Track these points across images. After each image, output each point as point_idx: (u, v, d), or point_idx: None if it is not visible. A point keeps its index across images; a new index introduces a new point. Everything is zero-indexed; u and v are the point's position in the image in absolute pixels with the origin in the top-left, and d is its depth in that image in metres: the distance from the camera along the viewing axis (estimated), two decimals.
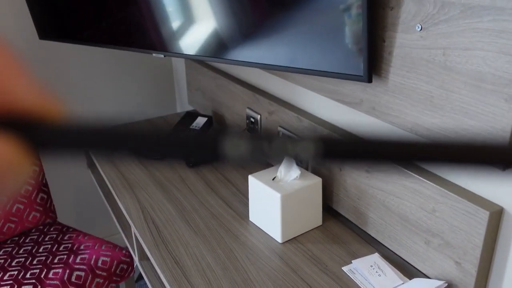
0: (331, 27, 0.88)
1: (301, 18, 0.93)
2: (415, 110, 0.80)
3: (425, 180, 0.81)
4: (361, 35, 0.82)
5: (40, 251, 1.37)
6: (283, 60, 1.00)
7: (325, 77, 0.95)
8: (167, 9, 1.22)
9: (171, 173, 1.32)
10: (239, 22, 1.09)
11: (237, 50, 1.10)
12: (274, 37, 1.00)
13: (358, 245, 0.98)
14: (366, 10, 0.79)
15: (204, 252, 0.98)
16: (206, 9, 1.13)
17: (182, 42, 1.23)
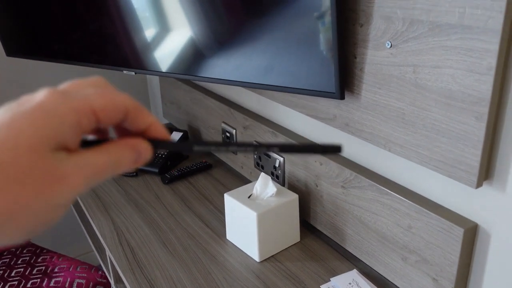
0: (302, 39, 0.87)
1: (273, 33, 0.92)
2: (388, 127, 0.80)
3: (401, 197, 0.81)
4: (333, 52, 0.82)
5: (13, 275, 1.33)
6: (256, 77, 0.98)
7: (299, 94, 0.94)
8: (137, 26, 1.19)
9: (146, 191, 1.29)
10: (211, 38, 1.07)
11: (209, 67, 1.08)
12: (247, 54, 0.99)
13: (336, 261, 0.97)
14: (336, 26, 0.79)
15: (181, 275, 0.95)
16: (177, 26, 1.11)
17: (153, 59, 1.21)
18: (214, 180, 1.33)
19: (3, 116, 0.27)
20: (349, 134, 0.91)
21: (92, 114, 0.29)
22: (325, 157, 0.97)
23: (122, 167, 0.31)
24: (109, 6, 1.20)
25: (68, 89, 0.31)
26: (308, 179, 1.04)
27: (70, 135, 0.28)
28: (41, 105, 0.28)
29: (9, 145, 0.26)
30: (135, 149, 0.32)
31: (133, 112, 0.32)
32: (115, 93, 0.31)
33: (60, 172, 0.27)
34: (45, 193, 0.27)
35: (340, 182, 0.94)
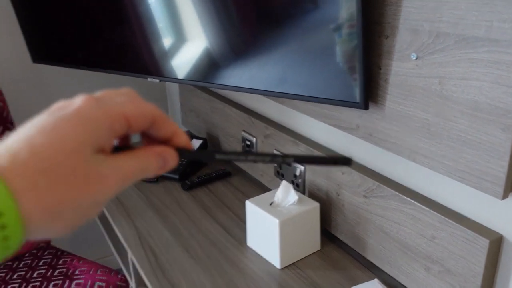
0: (325, 50, 0.89)
1: (293, 42, 0.94)
2: (412, 137, 0.81)
3: (424, 207, 0.82)
4: (357, 62, 0.83)
5: (35, 276, 1.35)
6: (278, 86, 1.00)
7: (322, 103, 0.95)
8: (159, 36, 1.22)
9: (167, 197, 1.31)
10: (232, 48, 1.09)
11: (231, 75, 1.10)
12: (269, 63, 1.01)
13: (357, 270, 0.98)
14: (362, 38, 0.80)
15: (203, 279, 0.97)
16: (197, 34, 1.14)
17: (176, 67, 1.23)
18: (233, 187, 1.35)
19: (47, 121, 0.30)
20: (372, 144, 0.92)
21: (124, 120, 0.32)
22: (348, 167, 0.98)
23: (150, 172, 0.34)
24: (132, 17, 1.23)
25: (102, 96, 0.33)
26: (330, 188, 1.05)
27: (105, 139, 0.31)
28: (80, 111, 0.30)
29: (55, 148, 0.29)
30: (162, 156, 0.35)
31: (159, 120, 0.35)
32: (144, 102, 0.34)
33: (99, 173, 0.30)
34: (88, 192, 0.30)
35: (362, 192, 0.95)
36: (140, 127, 0.34)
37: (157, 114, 0.34)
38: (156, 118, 0.34)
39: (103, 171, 0.31)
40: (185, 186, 1.34)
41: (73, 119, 0.30)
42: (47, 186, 0.28)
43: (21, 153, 0.28)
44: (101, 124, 0.31)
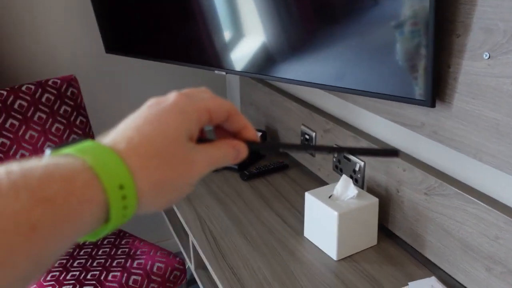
0: (387, 47, 0.90)
1: (353, 37, 0.95)
2: (480, 137, 0.81)
3: (488, 207, 0.81)
4: (426, 60, 0.84)
5: (100, 254, 1.44)
6: (337, 80, 1.02)
7: (388, 100, 0.96)
8: (222, 28, 1.27)
9: (226, 186, 1.36)
10: (297, 41, 1.12)
11: (294, 69, 1.13)
12: (328, 57, 1.03)
13: (413, 267, 0.98)
14: (433, 37, 0.81)
15: (261, 265, 1.01)
16: (258, 28, 1.17)
17: (239, 60, 1.28)
18: (291, 180, 1.38)
19: (150, 113, 0.36)
20: (435, 142, 0.92)
21: (208, 113, 0.38)
22: (409, 164, 0.99)
23: (228, 160, 0.40)
24: (199, 11, 1.29)
25: (190, 93, 0.39)
26: (389, 184, 1.06)
27: (195, 129, 0.37)
28: (176, 105, 0.36)
29: (160, 136, 0.35)
30: (237, 148, 0.40)
31: (233, 114, 0.40)
32: (222, 99, 0.40)
33: (192, 158, 0.36)
34: (184, 173, 0.36)
35: (423, 189, 0.96)
36: (219, 119, 0.39)
37: (232, 109, 0.40)
38: (231, 112, 0.40)
39: (195, 157, 0.36)
40: (244, 176, 1.39)
41: (172, 111, 0.36)
42: (155, 167, 0.34)
43: (134, 139, 0.34)
44: (192, 116, 0.36)
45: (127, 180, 0.32)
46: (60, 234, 0.29)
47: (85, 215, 0.30)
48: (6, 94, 1.42)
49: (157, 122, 0.35)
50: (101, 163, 0.31)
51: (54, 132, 1.49)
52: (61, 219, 0.29)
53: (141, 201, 0.33)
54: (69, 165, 0.30)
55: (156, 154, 0.34)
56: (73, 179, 0.30)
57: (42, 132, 1.47)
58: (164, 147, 0.34)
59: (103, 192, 0.31)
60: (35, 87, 1.47)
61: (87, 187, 0.30)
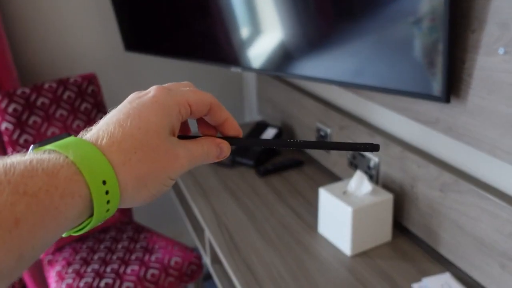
0: (404, 43, 0.90)
1: (371, 33, 0.95)
2: (495, 133, 0.80)
3: (504, 204, 0.81)
4: (441, 56, 0.83)
5: (119, 248, 1.48)
6: (355, 77, 1.02)
7: (401, 96, 0.96)
8: (240, 25, 1.28)
9: (242, 182, 1.37)
10: (313, 38, 1.13)
11: (310, 66, 1.14)
12: (346, 54, 1.03)
13: (428, 263, 0.98)
14: (447, 32, 0.81)
15: (275, 261, 1.02)
16: (276, 25, 1.18)
17: (256, 57, 1.29)
18: (306, 176, 1.39)
19: (131, 107, 0.36)
20: (450, 138, 0.92)
21: (188, 106, 0.38)
22: (424, 160, 0.98)
23: (210, 158, 0.40)
24: (217, 9, 1.30)
25: (170, 86, 0.39)
26: (404, 180, 1.06)
27: (176, 122, 0.37)
28: (156, 99, 0.36)
29: (142, 130, 0.35)
30: (220, 146, 0.41)
31: (215, 107, 0.40)
32: (202, 92, 0.39)
33: (175, 152, 0.36)
34: (167, 167, 0.36)
35: (438, 185, 0.95)
36: (200, 113, 0.39)
37: (214, 102, 0.40)
38: (213, 105, 0.40)
39: (178, 151, 0.36)
40: (259, 172, 1.40)
41: (153, 105, 0.36)
42: (137, 161, 0.34)
43: (115, 134, 0.34)
44: (173, 109, 0.37)
45: (109, 175, 0.33)
46: (43, 228, 0.29)
47: (68, 210, 0.31)
48: (29, 92, 1.46)
49: (138, 117, 0.35)
50: (83, 158, 0.32)
51: (75, 129, 1.53)
52: (44, 213, 0.29)
53: (124, 195, 0.34)
54: (52, 160, 0.31)
55: (137, 148, 0.34)
56: (55, 174, 0.30)
57: (64, 128, 1.51)
58: (146, 141, 0.34)
59: (86, 187, 0.31)
60: (56, 85, 1.51)
61: (69, 182, 0.31)
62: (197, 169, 1.47)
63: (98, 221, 0.33)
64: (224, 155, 0.41)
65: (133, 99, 0.37)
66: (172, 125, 0.37)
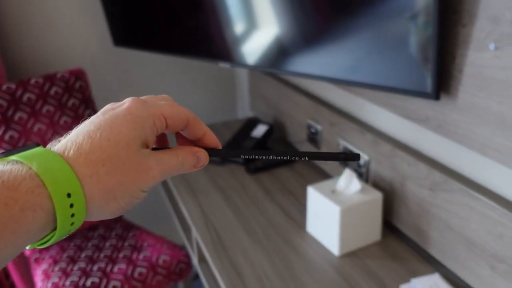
0: (400, 38, 0.87)
1: (364, 29, 0.93)
2: (485, 131, 0.78)
3: (494, 204, 0.79)
4: (430, 52, 0.81)
5: (107, 246, 1.45)
6: (349, 74, 1.00)
7: (390, 92, 0.94)
8: (232, 22, 1.25)
9: (232, 180, 1.35)
10: (303, 33, 1.10)
11: (301, 62, 1.11)
12: (339, 49, 1.01)
13: (417, 263, 0.96)
14: (437, 27, 0.78)
15: (262, 260, 1.00)
16: (269, 20, 1.16)
17: (248, 53, 1.26)
18: (297, 174, 1.37)
19: (103, 118, 0.35)
20: (441, 136, 0.90)
21: (163, 119, 0.37)
22: (414, 158, 0.96)
23: (185, 168, 0.39)
24: (208, 3, 1.27)
25: (146, 99, 0.38)
26: (394, 179, 1.04)
27: (149, 135, 0.36)
28: (129, 111, 0.36)
29: (112, 142, 0.34)
30: (197, 155, 0.40)
31: (192, 122, 0.39)
32: (179, 106, 0.39)
33: (146, 164, 0.35)
34: (137, 180, 0.35)
35: (428, 184, 0.93)
36: (176, 127, 0.38)
37: (191, 117, 0.39)
38: (190, 120, 0.39)
39: (149, 163, 0.36)
40: (250, 170, 1.38)
41: (125, 117, 0.35)
42: (105, 173, 0.33)
43: (84, 145, 0.33)
44: (146, 122, 0.36)
45: (75, 188, 0.32)
46: (3, 241, 0.29)
47: (29, 223, 0.30)
48: (15, 88, 1.43)
49: (109, 128, 0.34)
50: (48, 170, 0.31)
51: (62, 125, 1.50)
52: (2, 227, 0.28)
53: (90, 208, 0.33)
54: (14, 172, 0.30)
55: (106, 160, 0.33)
56: (16, 187, 0.30)
57: (50, 125, 1.48)
58: (116, 153, 0.34)
59: (49, 199, 0.30)
60: (43, 80, 1.48)
61: (31, 194, 0.30)
62: None
63: (62, 234, 0.32)
64: (201, 164, 0.40)
65: (106, 111, 0.36)
66: (145, 137, 0.36)
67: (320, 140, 1.33)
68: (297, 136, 1.48)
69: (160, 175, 0.37)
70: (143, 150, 0.36)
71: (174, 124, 0.38)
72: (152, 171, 0.36)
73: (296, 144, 1.49)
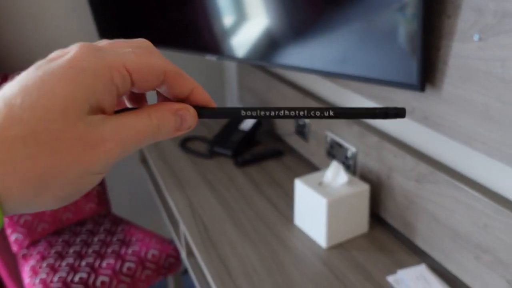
0: (384, 29, 0.87)
1: (353, 21, 0.92)
2: (470, 122, 0.78)
3: (478, 195, 0.79)
4: (415, 43, 0.81)
5: (95, 241, 1.45)
6: (333, 65, 0.99)
7: (377, 84, 0.94)
8: (218, 14, 1.24)
9: (220, 173, 1.35)
10: (290, 26, 1.09)
11: (287, 55, 1.10)
12: (324, 42, 1.00)
13: (404, 254, 0.97)
14: (422, 18, 0.78)
15: (250, 253, 1.00)
16: (258, 12, 1.14)
17: (234, 45, 1.25)
18: (285, 166, 1.36)
19: (33, 76, 0.25)
20: (427, 128, 0.90)
21: (125, 73, 0.27)
22: (400, 150, 0.96)
23: (164, 133, 0.29)
24: None
25: (103, 46, 0.28)
26: (381, 171, 1.04)
27: (104, 95, 0.26)
28: (72, 63, 0.26)
29: (39, 110, 0.25)
30: (179, 113, 0.30)
31: (172, 76, 0.29)
32: (153, 55, 0.29)
33: (95, 137, 0.26)
34: (79, 160, 0.26)
35: (414, 176, 0.93)
36: (147, 84, 0.28)
37: (170, 69, 0.29)
38: (169, 73, 0.29)
39: (100, 135, 0.26)
40: (238, 162, 1.37)
41: (65, 73, 0.25)
42: (26, 156, 0.24)
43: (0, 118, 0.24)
44: (98, 77, 0.26)
45: None
46: None
47: None
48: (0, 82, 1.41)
49: (37, 91, 0.25)
50: None
51: None
52: None
53: (9, 203, 0.25)
54: None
55: (29, 139, 0.24)
56: None
57: None
58: (44, 126, 0.24)
59: None
60: None
61: None
62: (173, 160, 1.43)
63: None
64: (187, 126, 0.30)
65: (41, 64, 0.26)
66: (97, 99, 0.26)
67: (307, 133, 1.32)
68: (285, 128, 1.47)
69: (119, 148, 0.27)
70: (91, 117, 0.26)
71: (144, 80, 0.28)
72: (104, 144, 0.26)
73: (284, 137, 1.49)
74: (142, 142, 0.28)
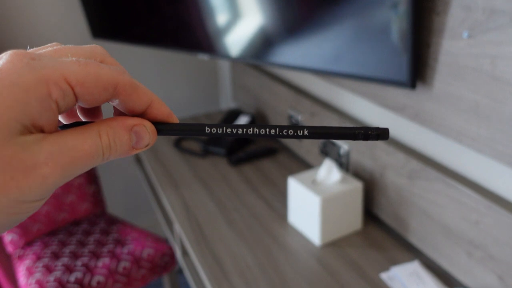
0: (375, 27, 0.87)
1: (345, 19, 0.92)
2: (460, 119, 0.78)
3: (469, 191, 0.79)
4: (406, 41, 0.81)
5: (90, 241, 1.45)
6: (325, 64, 1.00)
7: (368, 82, 0.94)
8: (212, 12, 1.24)
9: (214, 171, 1.35)
10: (283, 25, 1.09)
11: (281, 53, 1.10)
12: (317, 41, 1.00)
13: (397, 251, 0.97)
14: (411, 15, 0.78)
15: (244, 252, 1.00)
16: (251, 10, 1.14)
17: (228, 44, 1.25)
18: (279, 164, 1.37)
19: None
20: (418, 125, 0.90)
21: (67, 87, 0.23)
22: (392, 147, 0.97)
23: (116, 153, 0.26)
24: None
25: (44, 54, 0.25)
26: (373, 168, 1.04)
27: (39, 113, 0.23)
28: (2, 74, 0.22)
29: None
30: (135, 130, 0.26)
31: (125, 89, 0.26)
32: (103, 66, 0.25)
33: (28, 161, 0.22)
34: (8, 188, 0.22)
35: (406, 173, 0.94)
36: (94, 98, 0.25)
37: (122, 81, 0.25)
38: (121, 86, 0.25)
39: (34, 158, 0.23)
40: (232, 161, 1.38)
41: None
42: None
43: None
44: (31, 93, 0.22)
45: None
46: None
47: None
48: None
49: None
50: None
51: None
52: None
53: None
54: None
55: None
56: None
57: None
58: None
59: None
60: None
61: None
62: (168, 159, 1.43)
63: None
64: (144, 144, 0.27)
65: None
66: (30, 118, 0.22)
67: None
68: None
69: (58, 173, 0.23)
70: (23, 138, 0.22)
71: (89, 94, 0.24)
72: (39, 168, 0.22)
73: None
74: (88, 164, 0.24)
